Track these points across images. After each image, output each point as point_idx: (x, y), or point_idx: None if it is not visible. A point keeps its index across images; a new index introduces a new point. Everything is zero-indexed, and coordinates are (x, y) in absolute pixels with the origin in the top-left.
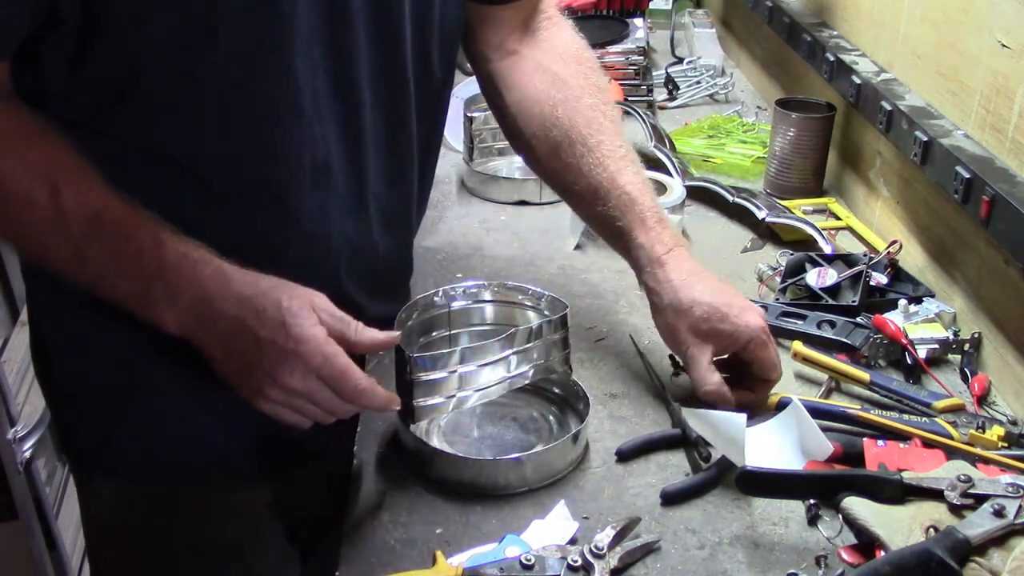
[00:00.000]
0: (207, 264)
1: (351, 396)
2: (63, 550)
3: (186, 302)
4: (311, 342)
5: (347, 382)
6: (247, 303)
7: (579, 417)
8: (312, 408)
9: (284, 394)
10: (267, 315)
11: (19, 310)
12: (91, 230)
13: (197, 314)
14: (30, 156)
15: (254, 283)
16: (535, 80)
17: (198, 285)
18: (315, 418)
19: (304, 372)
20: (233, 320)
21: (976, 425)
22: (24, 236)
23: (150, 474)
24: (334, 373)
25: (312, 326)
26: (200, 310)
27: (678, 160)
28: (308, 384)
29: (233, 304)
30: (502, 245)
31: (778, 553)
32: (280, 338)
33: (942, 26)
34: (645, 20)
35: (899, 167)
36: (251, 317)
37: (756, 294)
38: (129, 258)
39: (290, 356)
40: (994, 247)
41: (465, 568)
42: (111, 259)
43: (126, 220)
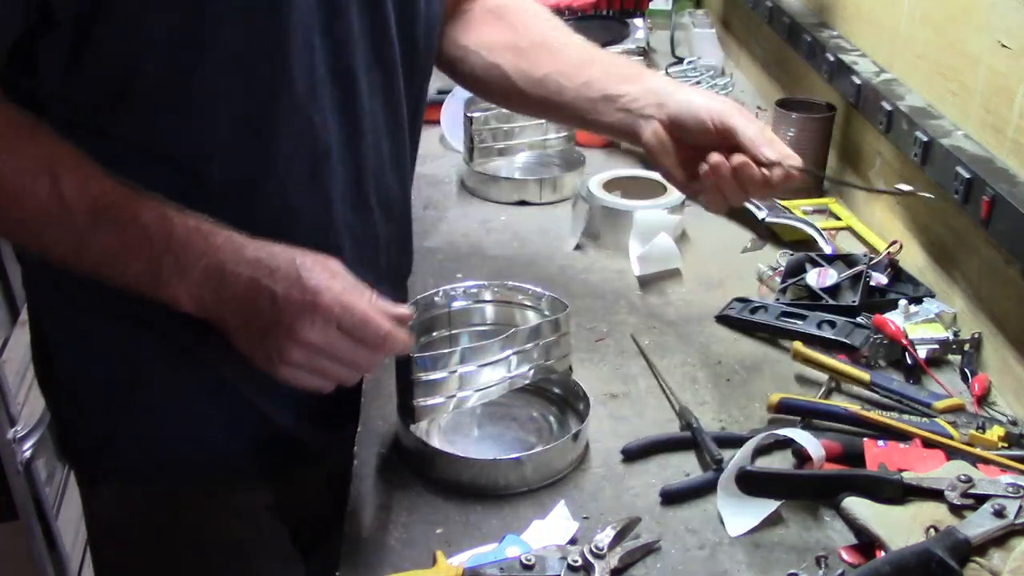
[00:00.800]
0: (217, 234)
1: (374, 343)
2: (63, 550)
3: (198, 274)
4: (328, 292)
5: (369, 327)
6: (261, 264)
7: (579, 417)
8: (334, 366)
9: (305, 353)
10: (281, 272)
11: (19, 310)
12: (95, 216)
13: (211, 284)
14: (27, 150)
15: (266, 247)
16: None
17: (210, 254)
18: (339, 378)
19: (324, 324)
20: (248, 282)
21: (976, 425)
22: (27, 230)
23: (151, 475)
24: (355, 321)
25: (328, 279)
26: (214, 279)
27: None
28: (328, 337)
29: (246, 267)
30: (502, 245)
31: (778, 553)
32: (296, 292)
33: (942, 26)
34: (645, 20)
35: (899, 167)
36: (265, 276)
37: (756, 294)
38: (136, 238)
39: (307, 308)
40: (994, 247)
41: (465, 568)
42: (117, 242)
43: (130, 202)
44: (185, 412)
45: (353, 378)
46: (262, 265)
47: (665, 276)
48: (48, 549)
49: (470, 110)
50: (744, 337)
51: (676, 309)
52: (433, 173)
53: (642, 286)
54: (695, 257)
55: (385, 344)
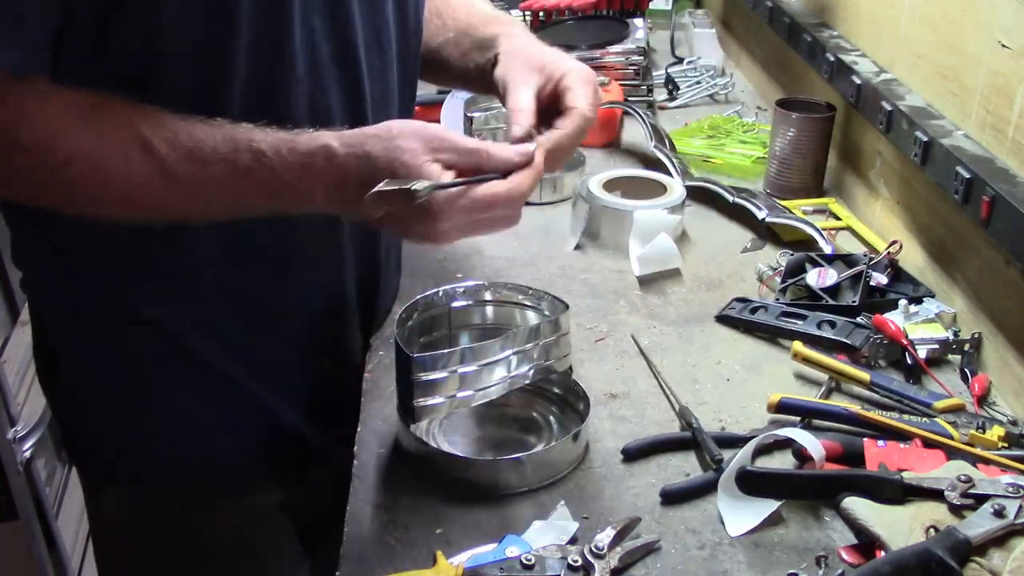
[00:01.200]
0: (315, 158)
1: (511, 206)
2: (63, 550)
3: (320, 200)
4: (440, 204)
5: (496, 213)
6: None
7: (579, 417)
8: None
9: (453, 237)
10: (392, 197)
11: (19, 310)
12: (198, 170)
13: (337, 205)
14: (106, 125)
15: (364, 155)
16: None
17: (320, 183)
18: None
19: (450, 224)
20: (368, 206)
21: (976, 425)
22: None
23: (155, 476)
24: (480, 210)
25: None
26: (337, 201)
27: (678, 160)
28: (462, 227)
29: (360, 190)
30: (502, 245)
31: (778, 553)
32: (411, 215)
33: (942, 26)
34: (645, 20)
35: (899, 167)
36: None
37: (756, 294)
38: (245, 181)
39: (427, 220)
40: (994, 247)
41: (465, 568)
42: (230, 190)
43: (223, 146)
44: (189, 413)
45: (512, 225)
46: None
47: (665, 276)
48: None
49: (470, 110)
50: (744, 337)
51: (676, 309)
52: None
53: (642, 286)
54: (695, 257)
55: (518, 199)
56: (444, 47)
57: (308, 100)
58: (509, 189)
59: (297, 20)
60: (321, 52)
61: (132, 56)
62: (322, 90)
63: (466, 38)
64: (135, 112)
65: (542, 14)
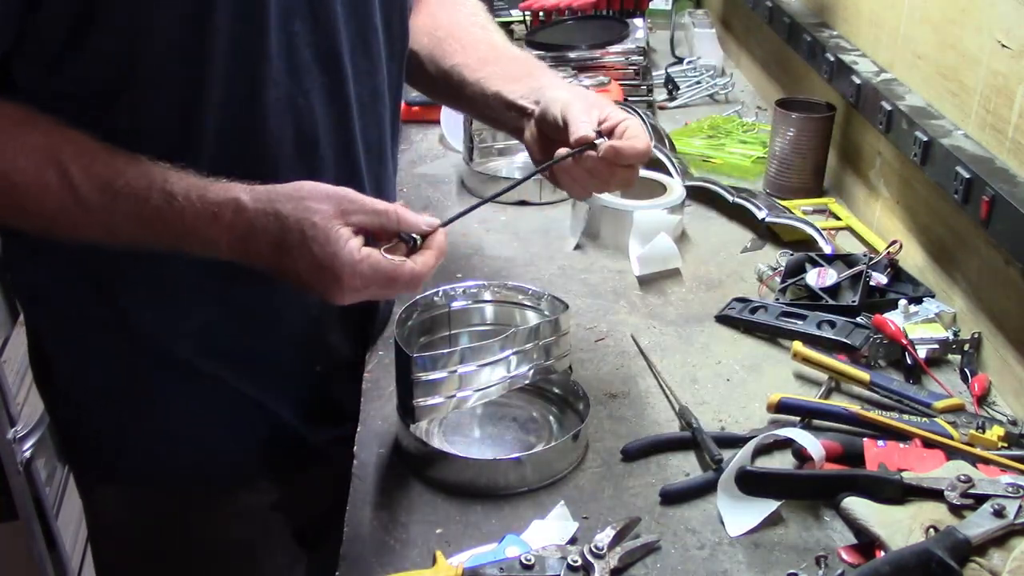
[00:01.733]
0: (224, 210)
1: (408, 286)
2: (63, 550)
3: (225, 249)
4: (345, 268)
5: (397, 286)
6: (277, 244)
7: (579, 417)
8: None
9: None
10: (297, 252)
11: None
12: (109, 201)
13: (240, 252)
14: (28, 143)
15: (274, 213)
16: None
17: (226, 234)
18: None
19: (352, 290)
20: (272, 260)
21: (976, 425)
22: (51, 223)
23: (152, 476)
24: (381, 283)
25: (341, 249)
26: (241, 254)
27: (678, 160)
28: (364, 295)
29: (265, 246)
30: (502, 245)
31: (778, 553)
32: (316, 271)
33: (942, 26)
34: (645, 20)
35: (899, 167)
36: (285, 256)
37: (756, 294)
38: (153, 221)
39: (333, 283)
40: (994, 247)
41: (465, 568)
42: (139, 224)
43: (136, 181)
44: (184, 414)
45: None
46: (280, 245)
47: (665, 276)
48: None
49: None
50: (744, 337)
51: (676, 309)
52: (433, 173)
53: (642, 286)
54: (695, 257)
55: (419, 279)
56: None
57: (289, 103)
58: (412, 269)
59: (275, 25)
60: (302, 55)
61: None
62: (304, 92)
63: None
64: (59, 135)
65: (542, 14)
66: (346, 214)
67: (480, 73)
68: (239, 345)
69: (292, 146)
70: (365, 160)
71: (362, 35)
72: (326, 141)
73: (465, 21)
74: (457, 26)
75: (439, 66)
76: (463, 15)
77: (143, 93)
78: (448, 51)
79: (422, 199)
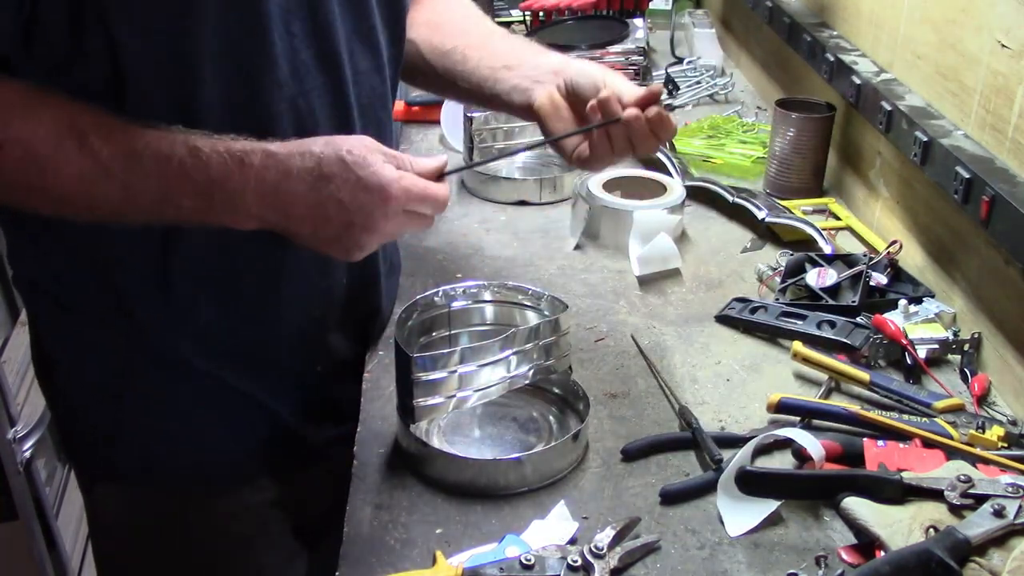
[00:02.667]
0: (252, 156)
1: (436, 207)
2: (63, 550)
3: (252, 199)
4: (392, 185)
5: (429, 200)
6: (315, 175)
7: (579, 417)
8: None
9: (382, 239)
10: (340, 179)
11: (19, 310)
12: (131, 164)
13: (270, 204)
14: (45, 116)
15: (307, 151)
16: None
17: (255, 180)
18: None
19: (396, 212)
20: (310, 196)
21: (976, 425)
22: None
23: (152, 474)
24: (421, 199)
25: (381, 168)
26: (271, 200)
27: (678, 160)
28: (403, 220)
29: (300, 182)
30: (502, 245)
31: (778, 553)
32: (362, 193)
33: (942, 26)
34: (645, 20)
35: (899, 167)
36: (325, 186)
37: (756, 294)
38: (177, 178)
39: (378, 204)
40: (994, 247)
41: (465, 568)
42: (160, 185)
43: (158, 142)
44: (184, 413)
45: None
46: (318, 176)
47: (665, 276)
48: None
49: (470, 110)
50: (744, 337)
51: (676, 309)
52: None
53: (642, 286)
54: (695, 257)
55: (444, 199)
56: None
57: (290, 104)
58: (439, 187)
59: (275, 26)
60: (302, 56)
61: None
62: (304, 93)
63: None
64: (73, 105)
65: (542, 14)
66: (372, 149)
67: (484, 50)
68: (239, 344)
69: None
70: None
71: (361, 35)
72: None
73: (463, 11)
74: (456, 13)
75: (439, 49)
76: (459, 5)
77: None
78: (448, 34)
79: None
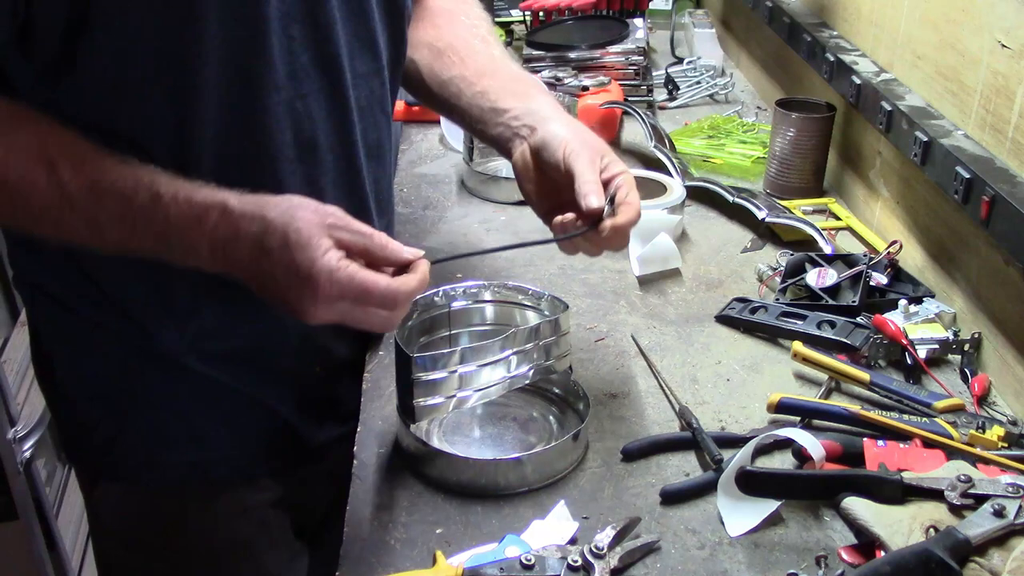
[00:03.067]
0: (209, 213)
1: (385, 306)
2: (63, 550)
3: (206, 254)
4: (320, 276)
5: (372, 299)
6: (256, 244)
7: (579, 417)
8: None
9: (323, 320)
10: (276, 256)
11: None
12: (95, 199)
13: (221, 262)
14: (19, 140)
15: (260, 217)
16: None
17: (208, 237)
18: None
19: (327, 303)
20: (250, 265)
21: (976, 425)
22: (38, 220)
23: (153, 474)
24: (356, 294)
25: (320, 257)
26: (221, 258)
27: (678, 160)
28: (337, 310)
29: (244, 246)
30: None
31: (778, 553)
32: (293, 277)
33: (942, 26)
34: (645, 20)
35: (899, 167)
36: (264, 259)
37: (756, 294)
38: (138, 220)
39: (308, 293)
40: (994, 247)
41: (465, 568)
42: (123, 224)
43: (123, 181)
44: (185, 414)
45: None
46: (259, 247)
47: (665, 276)
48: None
49: None
50: (744, 337)
51: (676, 309)
52: (433, 173)
53: (642, 286)
54: (695, 257)
55: (394, 296)
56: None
57: (288, 107)
58: (388, 284)
59: (274, 30)
60: (301, 59)
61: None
62: (302, 96)
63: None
64: (49, 131)
65: (542, 14)
66: (332, 228)
67: (477, 87)
68: (239, 345)
69: (292, 149)
70: (365, 162)
71: (361, 38)
72: (326, 144)
73: (466, 34)
74: (458, 38)
75: (438, 78)
76: (465, 27)
77: (138, 99)
78: (447, 63)
79: (422, 199)
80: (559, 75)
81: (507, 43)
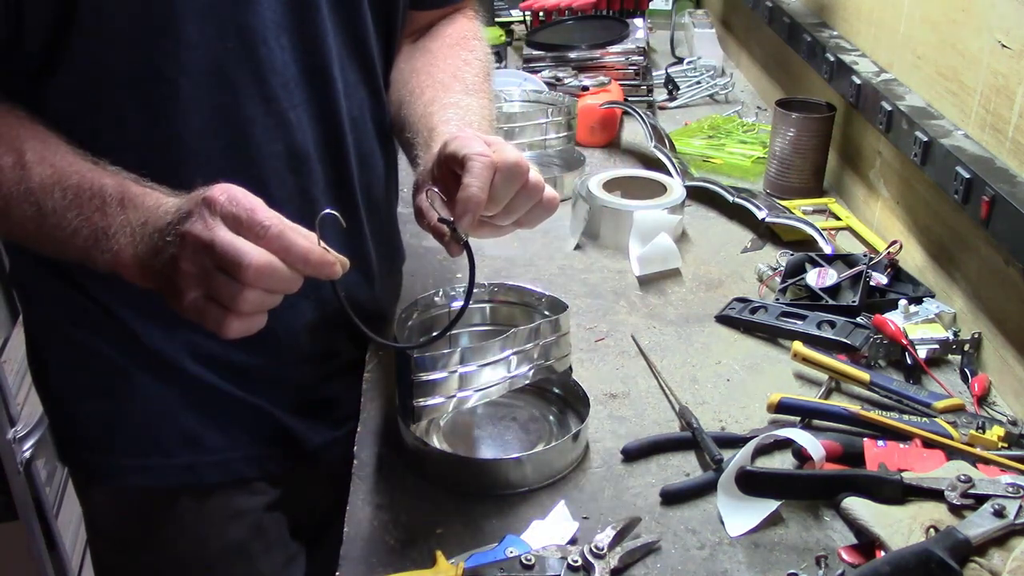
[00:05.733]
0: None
1: (227, 267)
2: (63, 550)
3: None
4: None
5: (215, 253)
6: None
7: (579, 417)
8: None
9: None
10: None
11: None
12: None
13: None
14: None
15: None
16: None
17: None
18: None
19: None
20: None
21: (976, 425)
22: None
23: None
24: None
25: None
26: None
27: (678, 160)
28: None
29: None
30: (502, 245)
31: (778, 553)
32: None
33: (942, 26)
34: (645, 20)
35: (899, 167)
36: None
37: (756, 294)
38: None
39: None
40: (994, 247)
41: (465, 568)
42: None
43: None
44: (178, 416)
45: (235, 308)
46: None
47: (665, 276)
48: (48, 549)
49: None
50: (744, 337)
51: (676, 309)
52: None
53: (642, 286)
54: (695, 257)
55: (240, 264)
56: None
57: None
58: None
59: (263, 40)
60: (291, 70)
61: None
62: (293, 107)
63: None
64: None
65: (542, 14)
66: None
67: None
68: (234, 348)
69: (282, 160)
70: (357, 171)
71: (352, 48)
72: (316, 155)
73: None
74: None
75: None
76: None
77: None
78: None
79: None
80: (559, 75)
81: (507, 43)
